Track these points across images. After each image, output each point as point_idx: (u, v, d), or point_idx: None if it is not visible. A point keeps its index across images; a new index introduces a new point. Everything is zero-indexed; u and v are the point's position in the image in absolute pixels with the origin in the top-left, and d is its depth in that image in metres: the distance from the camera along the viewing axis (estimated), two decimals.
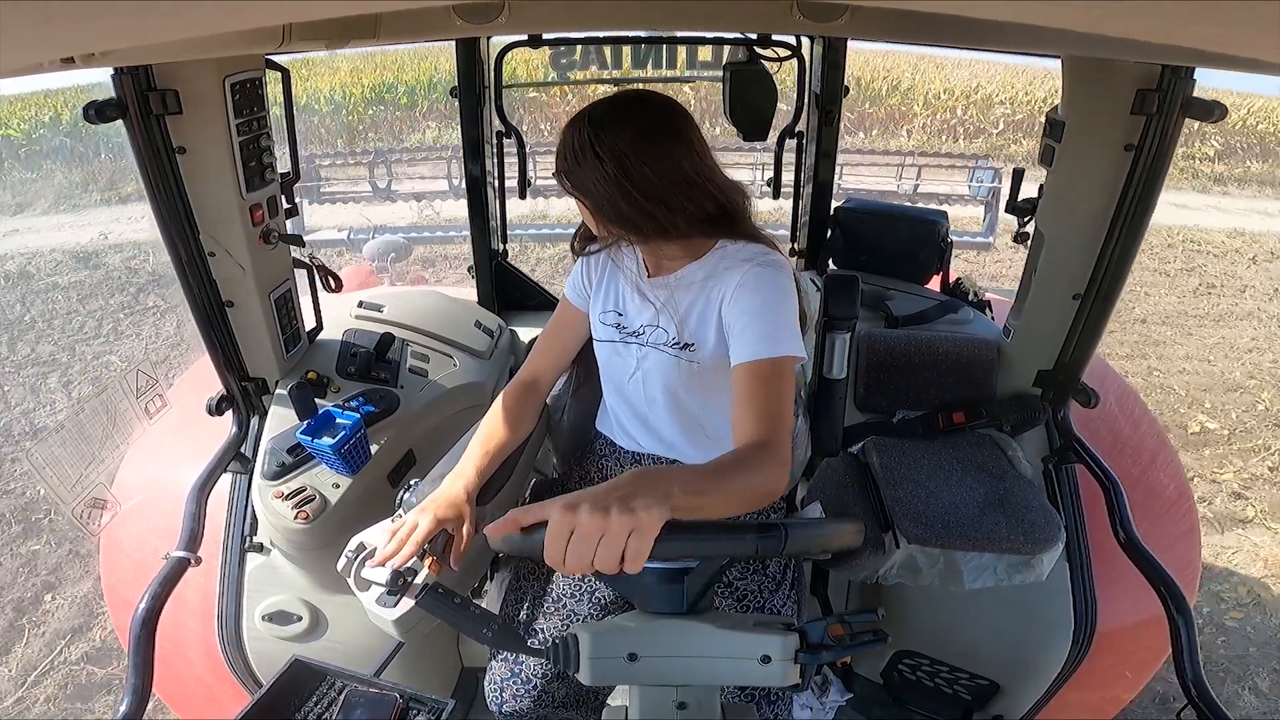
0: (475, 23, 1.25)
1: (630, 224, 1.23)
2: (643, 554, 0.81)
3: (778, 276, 1.25)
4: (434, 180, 7.49)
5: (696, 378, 1.35)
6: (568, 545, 0.82)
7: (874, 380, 1.97)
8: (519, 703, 1.36)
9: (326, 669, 1.24)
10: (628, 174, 1.18)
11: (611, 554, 0.81)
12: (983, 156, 7.84)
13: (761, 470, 1.05)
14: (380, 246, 4.72)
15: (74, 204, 10.60)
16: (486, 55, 2.18)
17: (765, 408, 1.15)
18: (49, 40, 0.48)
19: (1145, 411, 2.19)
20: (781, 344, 1.19)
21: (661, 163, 1.19)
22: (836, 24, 1.31)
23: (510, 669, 1.37)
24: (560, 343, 1.52)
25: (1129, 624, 1.77)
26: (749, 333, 1.20)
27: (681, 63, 2.21)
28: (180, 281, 1.49)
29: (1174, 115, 1.38)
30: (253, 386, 1.69)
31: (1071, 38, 1.14)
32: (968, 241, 6.94)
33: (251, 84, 1.42)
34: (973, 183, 7.57)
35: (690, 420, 1.41)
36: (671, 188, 1.20)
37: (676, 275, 1.34)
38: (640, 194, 1.19)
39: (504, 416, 1.41)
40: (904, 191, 8.08)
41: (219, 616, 1.71)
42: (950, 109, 16.30)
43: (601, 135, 1.19)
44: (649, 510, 0.82)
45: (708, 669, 0.88)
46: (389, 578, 1.15)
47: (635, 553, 0.81)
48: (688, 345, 1.33)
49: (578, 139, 1.21)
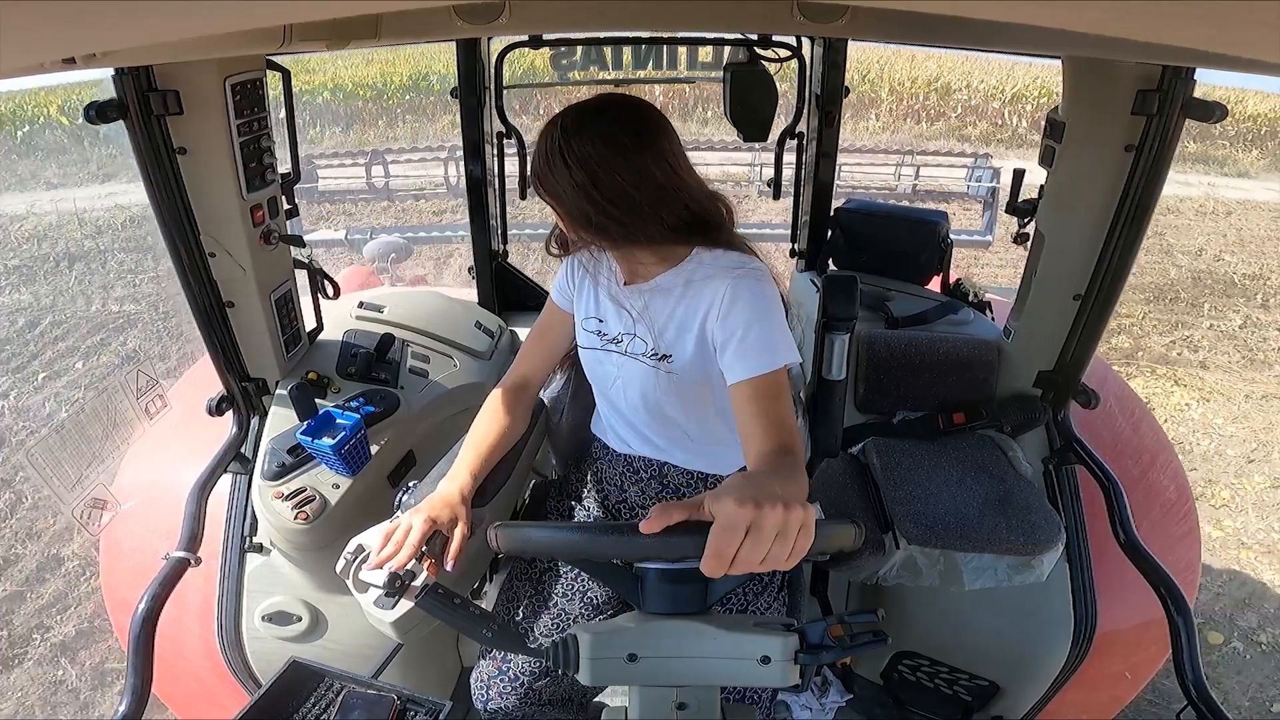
0: (476, 23, 1.25)
1: (601, 231, 1.22)
2: (805, 549, 0.81)
3: (762, 286, 1.24)
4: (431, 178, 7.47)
5: (673, 389, 1.34)
6: (743, 540, 0.80)
7: (874, 381, 1.97)
8: (504, 700, 1.36)
9: (325, 670, 1.24)
10: (596, 182, 1.18)
11: (784, 549, 0.80)
12: (981, 155, 7.77)
13: (797, 473, 1.08)
14: (381, 247, 4.71)
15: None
16: (487, 56, 2.18)
17: (775, 419, 1.15)
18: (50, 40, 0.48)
19: (1146, 413, 2.19)
20: (778, 355, 1.19)
21: (630, 172, 1.18)
22: (837, 25, 1.31)
23: (498, 667, 1.37)
24: (547, 344, 1.52)
25: (1129, 625, 1.77)
26: (746, 349, 1.20)
27: (682, 63, 2.20)
28: (180, 282, 1.49)
29: (1174, 116, 1.38)
30: (253, 387, 1.69)
31: (1072, 38, 1.14)
32: (966, 240, 6.89)
33: (252, 84, 1.42)
34: (971, 181, 7.54)
35: (672, 426, 1.41)
36: (641, 196, 1.19)
37: (652, 283, 1.33)
38: (609, 202, 1.19)
39: (494, 418, 1.41)
40: (903, 189, 8.04)
41: (218, 617, 1.71)
42: (914, 95, 17.61)
43: (571, 142, 1.18)
44: (806, 507, 0.82)
45: (707, 669, 0.88)
46: (387, 579, 1.15)
47: (801, 549, 0.81)
48: (665, 356, 1.31)
49: (549, 145, 1.20)
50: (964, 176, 7.82)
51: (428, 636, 1.23)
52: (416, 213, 8.25)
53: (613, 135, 1.18)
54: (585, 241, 1.30)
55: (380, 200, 7.26)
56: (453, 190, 6.97)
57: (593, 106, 1.22)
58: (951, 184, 8.24)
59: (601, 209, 1.19)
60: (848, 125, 15.55)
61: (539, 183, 1.24)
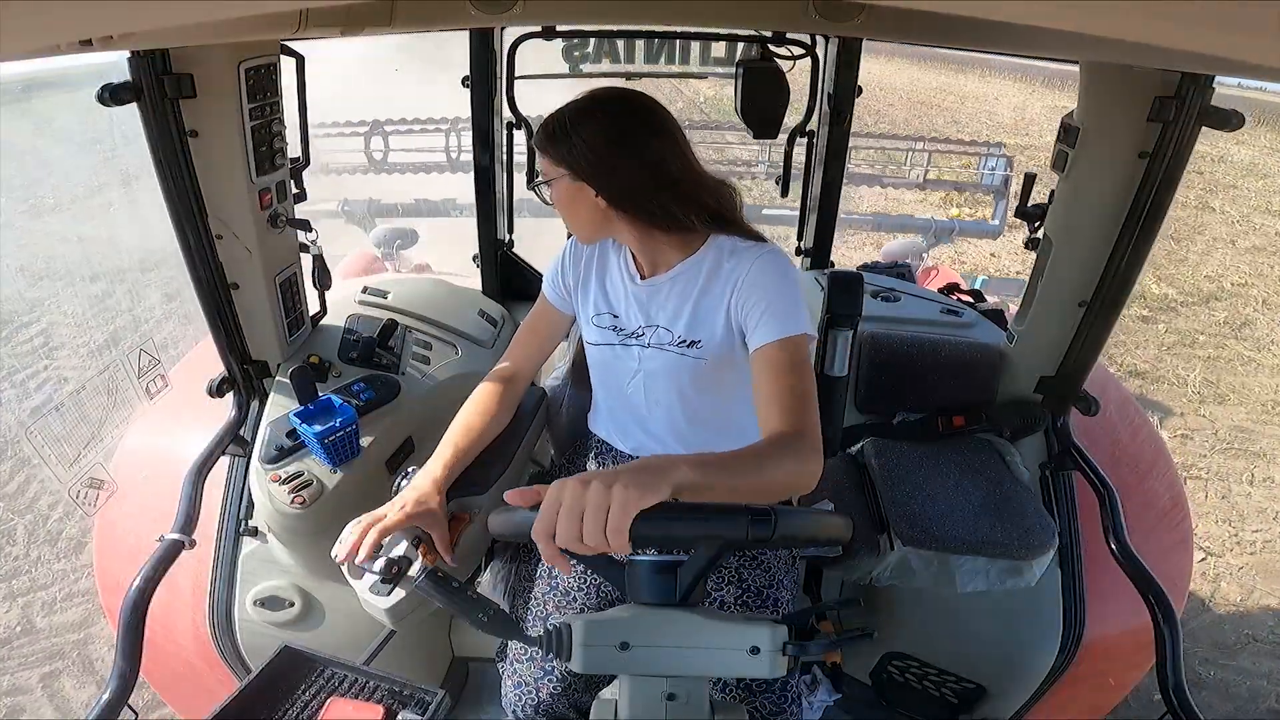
0: (490, 13, 1.24)
1: (638, 204, 1.25)
2: (620, 528, 0.81)
3: (782, 262, 1.28)
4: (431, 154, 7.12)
5: (705, 374, 1.34)
6: (557, 519, 0.82)
7: (875, 381, 1.97)
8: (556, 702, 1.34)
9: (316, 657, 1.25)
10: (659, 165, 1.23)
11: (594, 527, 0.81)
12: (995, 144, 7.51)
13: (795, 456, 1.06)
14: (386, 234, 4.69)
15: None
16: (500, 46, 2.17)
17: (792, 395, 1.15)
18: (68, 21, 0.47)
19: (1145, 421, 2.19)
20: (797, 323, 1.21)
21: (656, 152, 1.24)
22: (852, 24, 1.31)
23: (540, 668, 1.35)
24: (538, 336, 1.53)
25: (1116, 631, 1.78)
26: (767, 315, 1.22)
27: (695, 59, 2.20)
28: (186, 262, 1.48)
29: (1191, 123, 1.37)
30: (254, 369, 1.69)
31: (1091, 42, 1.13)
32: (975, 229, 6.67)
33: (266, 69, 1.42)
34: (984, 169, 7.31)
35: (695, 418, 1.41)
36: (673, 175, 1.25)
37: (672, 273, 1.34)
38: (655, 183, 1.23)
39: (480, 409, 1.41)
40: (914, 179, 7.78)
41: (210, 601, 1.71)
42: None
43: (627, 125, 1.22)
44: (634, 488, 0.82)
45: (698, 659, 0.89)
46: (383, 566, 1.15)
47: (613, 527, 0.81)
48: (694, 343, 1.32)
49: (598, 125, 1.23)
50: (976, 166, 7.61)
51: (420, 625, 1.23)
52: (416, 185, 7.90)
53: (637, 118, 1.24)
54: (603, 234, 1.31)
55: (379, 174, 6.94)
56: (452, 165, 6.76)
57: (619, 94, 1.27)
58: (964, 174, 8.01)
59: (651, 190, 1.24)
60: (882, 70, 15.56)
61: (584, 164, 1.25)
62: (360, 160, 6.66)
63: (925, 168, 7.54)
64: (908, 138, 7.75)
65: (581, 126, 1.23)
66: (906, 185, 7.64)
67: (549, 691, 1.32)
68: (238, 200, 1.46)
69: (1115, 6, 0.40)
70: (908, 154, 7.72)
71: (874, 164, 8.54)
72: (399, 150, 6.76)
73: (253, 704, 1.15)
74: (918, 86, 17.78)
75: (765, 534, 0.86)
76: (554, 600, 1.38)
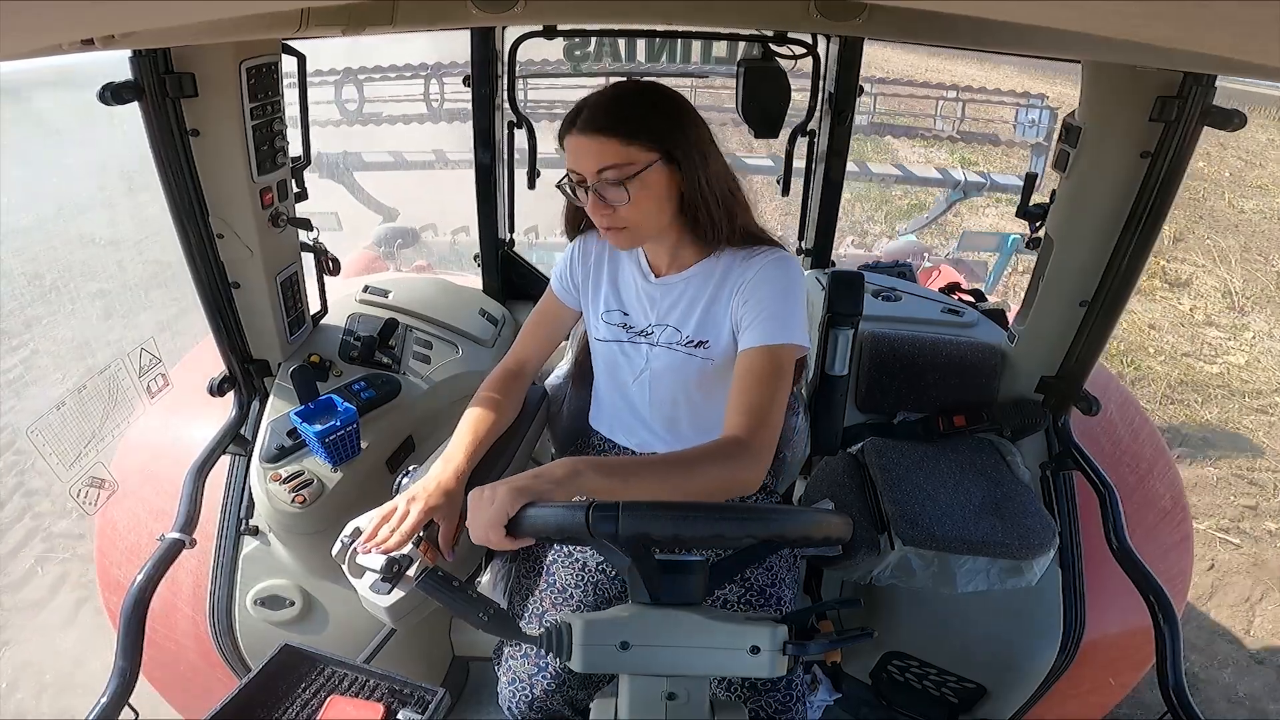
0: (491, 12, 1.24)
1: (704, 211, 1.26)
2: (491, 525, 0.99)
3: (791, 269, 1.28)
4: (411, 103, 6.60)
5: (711, 375, 1.35)
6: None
7: (875, 381, 1.96)
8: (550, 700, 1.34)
9: (316, 655, 1.25)
10: (729, 170, 1.29)
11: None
12: (1035, 95, 6.36)
13: (728, 463, 1.10)
14: (388, 233, 4.68)
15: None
16: (501, 44, 2.17)
17: (756, 404, 1.17)
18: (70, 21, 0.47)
19: (1145, 421, 2.19)
20: (788, 332, 1.20)
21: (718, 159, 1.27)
22: (855, 24, 1.30)
23: (535, 664, 1.35)
24: (544, 331, 1.53)
25: (1116, 631, 1.78)
26: (759, 320, 1.22)
27: (696, 58, 2.19)
28: (187, 262, 1.49)
29: (1193, 123, 1.37)
30: (255, 368, 1.69)
31: (1094, 42, 1.13)
32: (1010, 185, 5.79)
33: (267, 68, 1.42)
34: (1022, 120, 6.60)
35: (696, 418, 1.41)
36: (733, 194, 1.29)
37: (687, 273, 1.34)
38: (729, 186, 1.27)
39: (489, 403, 1.41)
40: (943, 132, 7.11)
41: (210, 599, 1.71)
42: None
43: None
44: (509, 493, 0.99)
45: (697, 659, 0.89)
46: (384, 564, 1.15)
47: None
48: (702, 343, 1.33)
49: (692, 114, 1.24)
50: (1011, 119, 6.59)
51: (420, 624, 1.23)
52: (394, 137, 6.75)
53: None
54: (655, 227, 1.28)
55: (352, 125, 6.41)
56: (434, 114, 6.29)
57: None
58: (1001, 127, 6.86)
59: (705, 196, 1.25)
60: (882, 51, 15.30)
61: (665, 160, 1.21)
62: (332, 113, 5.99)
63: (958, 119, 6.82)
64: (939, 85, 7.14)
65: (678, 111, 1.22)
66: (936, 137, 7.10)
67: (543, 688, 1.32)
68: (239, 199, 1.46)
69: (1117, 6, 0.40)
70: (937, 103, 6.96)
71: (896, 117, 7.90)
72: (375, 100, 6.24)
73: (253, 702, 1.15)
74: (914, 72, 17.64)
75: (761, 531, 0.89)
76: (550, 597, 1.38)
